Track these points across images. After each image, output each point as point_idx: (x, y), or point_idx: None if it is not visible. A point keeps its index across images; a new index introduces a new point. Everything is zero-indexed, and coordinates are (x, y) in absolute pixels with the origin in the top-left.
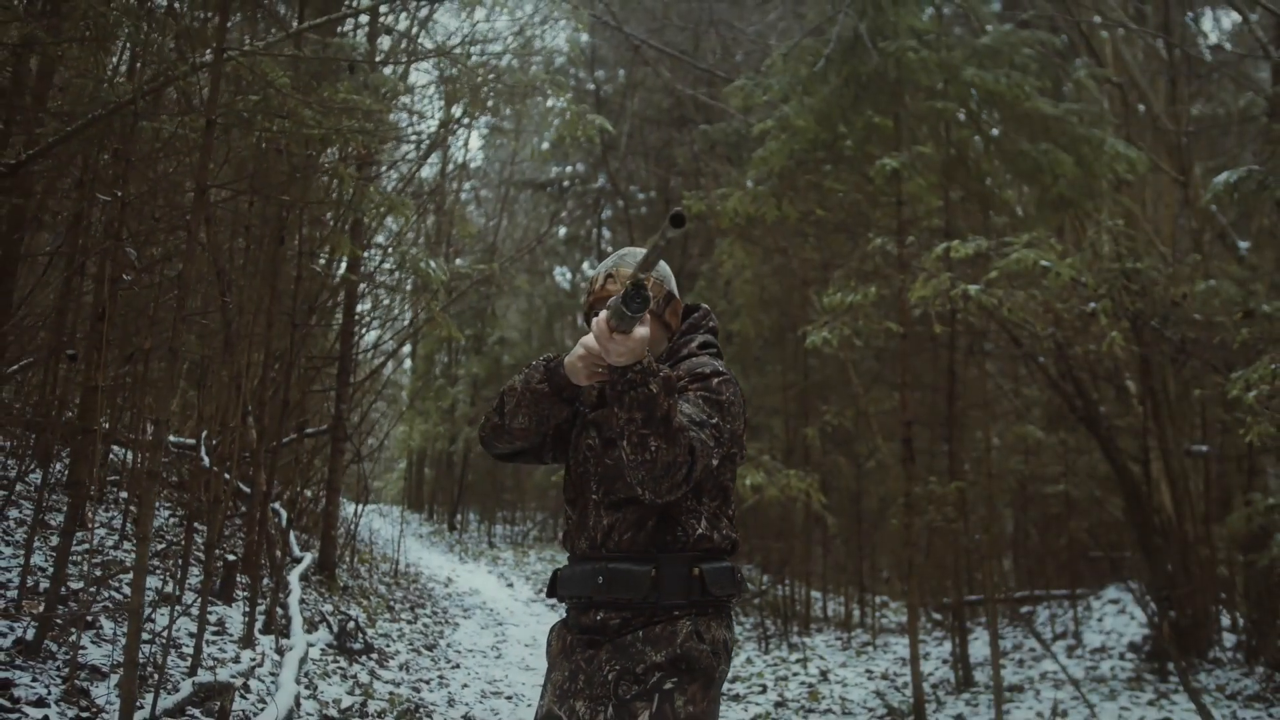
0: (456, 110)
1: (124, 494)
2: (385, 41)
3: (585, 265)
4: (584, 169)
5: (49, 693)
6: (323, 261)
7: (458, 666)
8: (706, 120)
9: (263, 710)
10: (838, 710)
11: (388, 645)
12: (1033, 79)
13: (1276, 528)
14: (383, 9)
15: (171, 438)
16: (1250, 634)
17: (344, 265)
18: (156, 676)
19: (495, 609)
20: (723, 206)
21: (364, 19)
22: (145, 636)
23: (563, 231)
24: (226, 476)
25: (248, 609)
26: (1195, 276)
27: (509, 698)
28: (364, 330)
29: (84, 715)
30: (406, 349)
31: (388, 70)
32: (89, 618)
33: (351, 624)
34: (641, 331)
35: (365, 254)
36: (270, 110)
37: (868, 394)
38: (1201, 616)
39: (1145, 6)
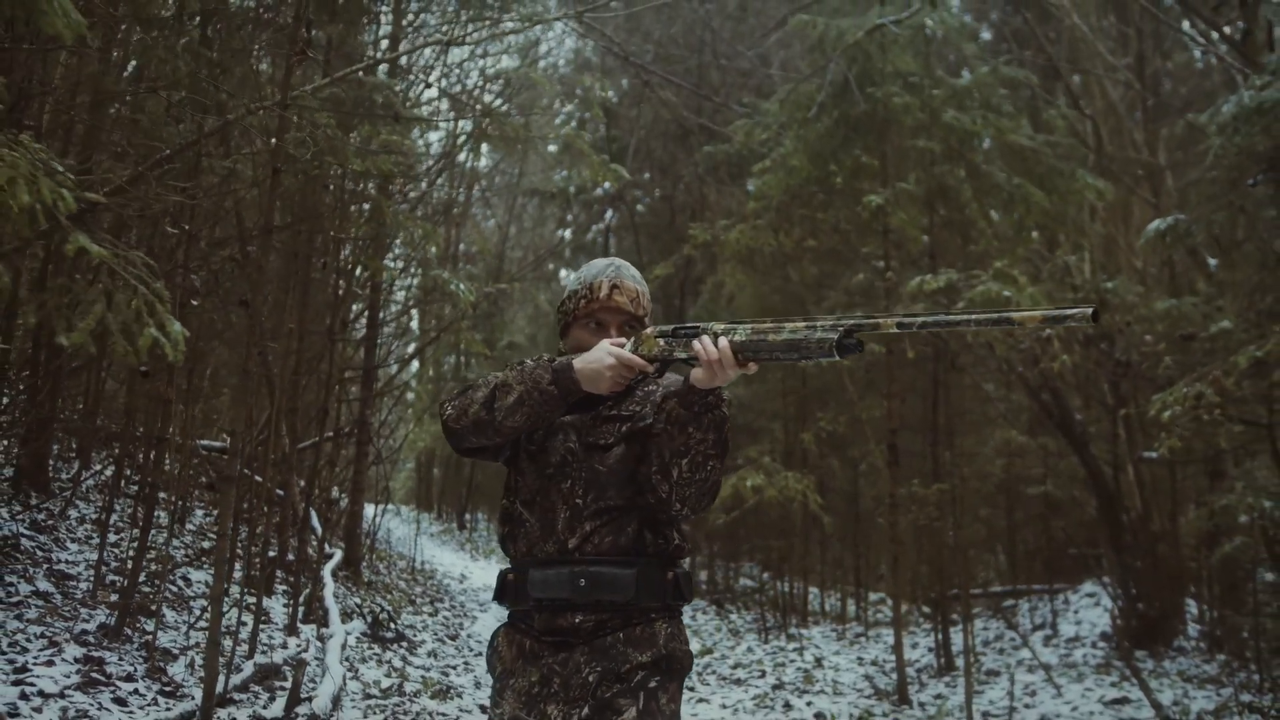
0: (466, 125)
1: (163, 494)
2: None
3: None
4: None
5: (135, 670)
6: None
7: (480, 654)
8: (710, 138)
9: (314, 689)
10: (830, 691)
11: (414, 635)
12: (1007, 119)
13: (1231, 526)
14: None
15: (204, 442)
16: (1213, 625)
17: (356, 276)
18: (224, 659)
19: None
20: (726, 237)
21: (384, 50)
22: (206, 624)
23: (568, 235)
24: (259, 479)
25: (288, 601)
26: (1142, 305)
27: None
28: (387, 340)
29: (166, 689)
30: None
31: (398, 87)
32: (152, 606)
33: (384, 615)
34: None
35: (385, 264)
36: (319, 149)
37: (862, 401)
38: (1169, 608)
39: (1128, 30)
